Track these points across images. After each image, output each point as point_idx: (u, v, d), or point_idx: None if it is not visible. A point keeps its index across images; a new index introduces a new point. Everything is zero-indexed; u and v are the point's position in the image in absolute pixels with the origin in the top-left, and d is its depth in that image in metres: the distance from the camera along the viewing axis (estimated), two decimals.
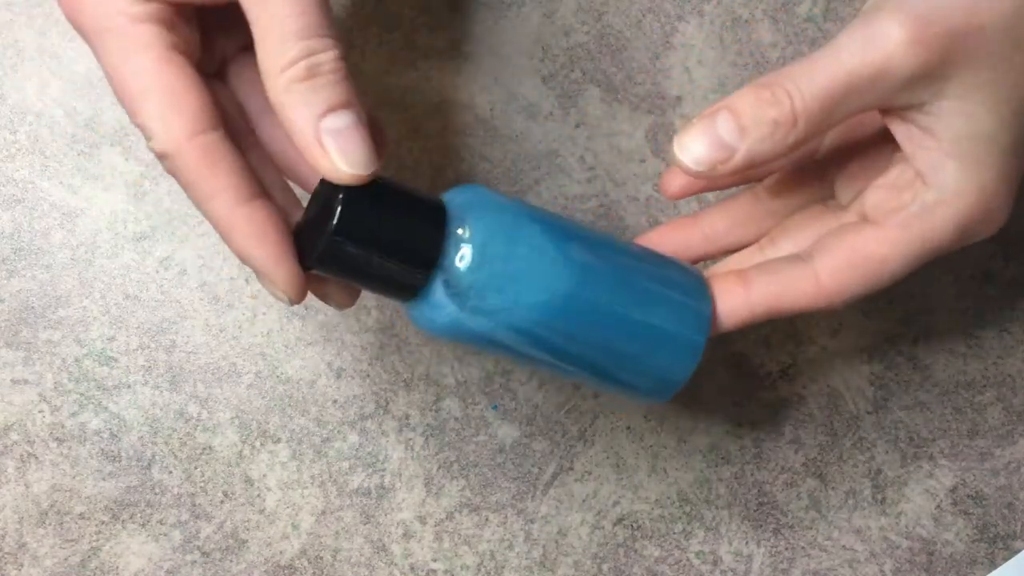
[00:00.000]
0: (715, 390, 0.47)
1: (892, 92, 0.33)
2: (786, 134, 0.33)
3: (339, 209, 0.32)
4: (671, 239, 0.41)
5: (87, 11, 0.32)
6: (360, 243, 0.33)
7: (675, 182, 0.39)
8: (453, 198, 0.35)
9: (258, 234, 0.33)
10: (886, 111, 0.34)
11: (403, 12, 0.46)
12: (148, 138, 0.32)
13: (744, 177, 0.40)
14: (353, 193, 0.32)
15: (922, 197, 0.34)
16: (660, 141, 0.47)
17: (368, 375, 0.46)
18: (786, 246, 0.39)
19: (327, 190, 0.34)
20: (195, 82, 0.33)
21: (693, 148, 0.34)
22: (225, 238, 0.33)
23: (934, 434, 0.48)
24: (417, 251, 0.33)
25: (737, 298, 0.36)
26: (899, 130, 0.35)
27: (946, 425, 0.48)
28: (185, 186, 0.33)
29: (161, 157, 0.33)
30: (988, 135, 0.33)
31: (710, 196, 0.46)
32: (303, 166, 0.37)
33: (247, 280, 0.46)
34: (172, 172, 0.33)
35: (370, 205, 0.33)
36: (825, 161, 0.40)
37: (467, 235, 0.34)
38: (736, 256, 0.40)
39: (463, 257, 0.34)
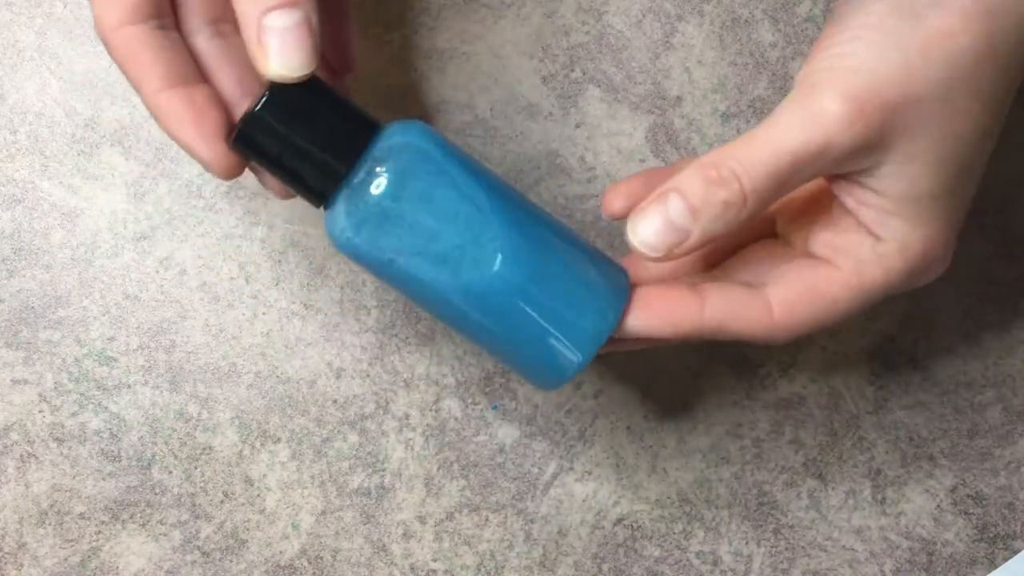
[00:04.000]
0: (715, 390, 0.47)
1: (835, 164, 0.33)
2: (737, 212, 0.34)
3: (263, 97, 0.33)
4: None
5: None
6: (275, 133, 0.34)
7: (617, 202, 0.39)
8: (395, 131, 0.35)
9: (178, 117, 0.34)
10: (829, 176, 0.35)
11: (403, 12, 0.46)
12: None
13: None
14: (284, 87, 0.33)
15: (872, 246, 0.35)
16: (660, 141, 0.47)
17: (368, 375, 0.46)
18: (741, 277, 0.39)
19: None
20: None
21: (647, 235, 0.34)
22: (155, 120, 0.35)
23: (934, 434, 0.48)
24: (328, 158, 0.34)
25: (692, 308, 0.36)
26: (842, 190, 0.35)
27: (946, 425, 0.48)
28: (120, 70, 0.35)
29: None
30: (930, 195, 0.34)
31: None
32: None
33: (247, 280, 0.46)
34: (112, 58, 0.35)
35: (297, 101, 0.34)
36: None
37: (386, 166, 0.34)
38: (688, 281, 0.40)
39: (374, 183, 0.34)
